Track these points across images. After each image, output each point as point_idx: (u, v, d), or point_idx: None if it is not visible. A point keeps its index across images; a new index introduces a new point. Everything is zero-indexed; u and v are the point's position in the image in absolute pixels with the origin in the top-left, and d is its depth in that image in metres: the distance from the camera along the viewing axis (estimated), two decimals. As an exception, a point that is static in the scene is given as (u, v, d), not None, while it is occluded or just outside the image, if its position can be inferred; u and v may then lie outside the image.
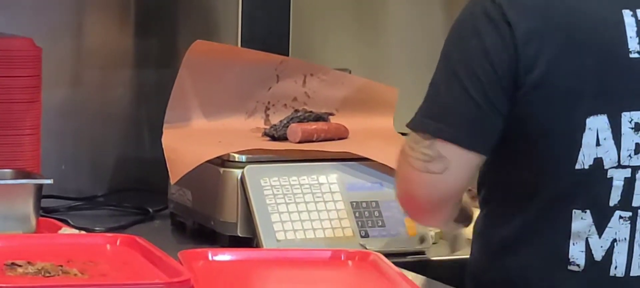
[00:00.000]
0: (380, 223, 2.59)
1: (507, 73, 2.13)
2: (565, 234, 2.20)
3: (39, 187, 2.56)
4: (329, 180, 2.62)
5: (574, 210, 2.19)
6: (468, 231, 2.58)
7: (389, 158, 2.62)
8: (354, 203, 2.61)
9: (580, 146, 2.16)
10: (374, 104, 2.93)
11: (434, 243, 2.64)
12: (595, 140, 2.16)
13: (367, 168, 2.66)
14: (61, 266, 2.19)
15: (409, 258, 2.53)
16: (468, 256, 2.44)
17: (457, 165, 2.15)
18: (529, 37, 2.12)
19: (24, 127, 2.70)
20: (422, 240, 2.61)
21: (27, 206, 2.53)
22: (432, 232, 2.64)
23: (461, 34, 2.20)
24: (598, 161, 2.16)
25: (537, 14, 2.15)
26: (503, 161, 2.21)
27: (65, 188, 2.91)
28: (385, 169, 2.64)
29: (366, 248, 2.50)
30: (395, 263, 2.35)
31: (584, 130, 2.15)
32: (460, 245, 2.50)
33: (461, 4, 3.30)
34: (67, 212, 2.86)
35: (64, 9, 3.08)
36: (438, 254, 2.62)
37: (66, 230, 2.60)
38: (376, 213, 2.60)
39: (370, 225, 2.59)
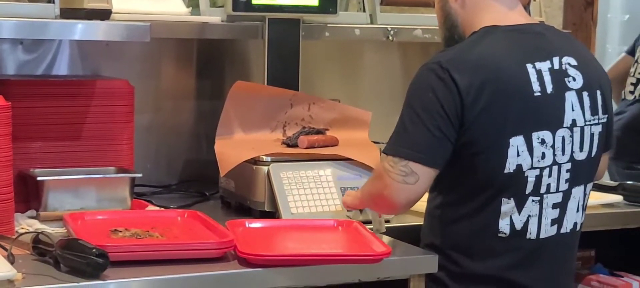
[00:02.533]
0: (359, 202, 2.59)
1: (454, 115, 2.16)
2: (497, 214, 2.23)
3: (133, 179, 2.58)
4: (325, 173, 2.62)
5: (503, 199, 2.22)
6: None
7: (365, 158, 2.66)
8: (342, 189, 2.59)
9: (507, 157, 2.19)
10: (355, 122, 2.91)
11: (393, 216, 2.60)
12: (516, 153, 2.19)
13: (350, 166, 2.65)
14: (148, 231, 2.24)
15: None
16: (416, 223, 2.46)
17: (423, 178, 2.18)
18: (468, 89, 2.15)
19: (122, 139, 2.68)
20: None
21: (125, 191, 2.55)
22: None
23: (420, 89, 2.21)
24: (519, 166, 2.20)
25: (473, 73, 2.17)
26: (455, 168, 2.22)
27: (149, 179, 2.90)
28: (362, 166, 2.65)
29: (350, 218, 2.50)
30: (369, 229, 2.39)
31: (508, 146, 2.19)
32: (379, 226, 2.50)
33: (411, 59, 3.34)
34: (151, 196, 2.84)
35: (149, 59, 3.07)
36: (396, 222, 2.58)
37: (151, 207, 2.64)
38: (357, 195, 2.60)
39: (353, 202, 2.58)
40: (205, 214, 2.39)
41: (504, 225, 2.24)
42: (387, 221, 2.55)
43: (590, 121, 2.28)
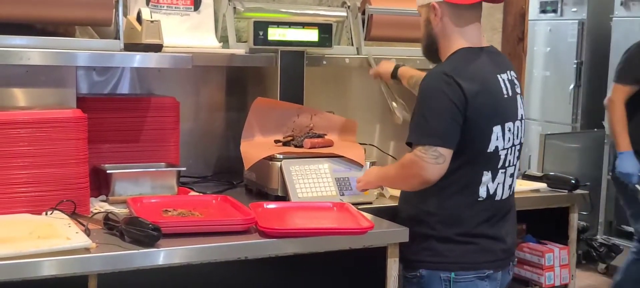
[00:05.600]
0: (349, 188, 2.57)
1: (462, 109, 2.17)
2: (478, 183, 2.25)
3: (179, 172, 2.57)
4: (324, 167, 2.60)
5: (483, 171, 2.24)
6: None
7: (353, 155, 2.64)
8: (337, 179, 2.59)
9: (490, 141, 2.22)
10: (345, 129, 2.90)
11: (376, 198, 2.61)
12: (496, 137, 2.23)
13: (342, 161, 2.64)
14: (190, 211, 2.24)
15: (364, 206, 2.50)
16: (392, 204, 2.44)
17: (447, 157, 2.17)
18: (469, 91, 2.17)
19: (170, 141, 2.67)
20: (371, 196, 2.58)
21: (172, 181, 2.54)
22: (375, 192, 2.60)
23: (433, 91, 2.19)
24: (496, 147, 2.24)
25: (470, 80, 2.19)
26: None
27: (191, 172, 2.87)
28: (351, 161, 2.63)
29: (343, 201, 2.48)
30: (357, 208, 2.39)
31: (492, 132, 2.22)
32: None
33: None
34: (192, 184, 2.83)
35: (191, 82, 3.04)
36: (378, 204, 2.58)
37: (192, 193, 2.63)
38: (348, 183, 2.59)
39: (344, 189, 2.57)
40: (234, 198, 2.38)
41: (482, 191, 2.25)
42: (376, 198, 2.60)
43: (523, 116, 2.34)
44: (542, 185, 2.97)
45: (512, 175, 2.30)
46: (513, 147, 2.28)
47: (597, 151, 5.34)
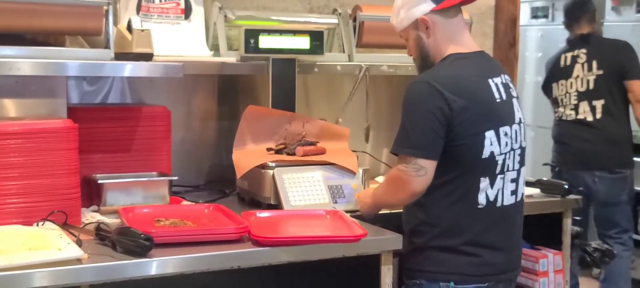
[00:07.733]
0: (342, 196, 2.57)
1: (444, 121, 2.15)
2: (476, 190, 2.22)
3: (170, 181, 2.56)
4: (316, 175, 2.60)
5: (480, 178, 2.22)
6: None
7: (346, 163, 2.64)
8: (329, 186, 2.59)
9: (483, 146, 2.20)
10: (337, 136, 2.89)
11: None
12: (490, 143, 2.21)
13: (335, 168, 2.64)
14: (183, 221, 2.23)
15: (356, 213, 2.49)
16: (385, 212, 2.44)
17: (429, 169, 2.17)
18: (453, 100, 2.15)
19: (162, 150, 2.66)
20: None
21: (164, 190, 2.53)
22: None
23: (415, 102, 2.19)
24: (492, 153, 2.21)
25: (454, 88, 2.17)
26: (445, 158, 2.20)
27: (183, 181, 2.85)
28: (344, 168, 2.63)
29: (336, 209, 2.48)
30: (350, 216, 2.38)
31: (485, 138, 2.20)
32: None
33: (378, 87, 3.32)
34: (184, 193, 2.81)
35: (182, 90, 3.04)
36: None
37: (185, 202, 2.61)
38: (340, 191, 2.59)
39: (337, 196, 2.57)
40: (226, 207, 2.37)
41: (481, 198, 2.23)
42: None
43: (522, 119, 2.34)
44: (535, 191, 2.98)
45: (514, 180, 2.28)
46: (512, 152, 2.26)
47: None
